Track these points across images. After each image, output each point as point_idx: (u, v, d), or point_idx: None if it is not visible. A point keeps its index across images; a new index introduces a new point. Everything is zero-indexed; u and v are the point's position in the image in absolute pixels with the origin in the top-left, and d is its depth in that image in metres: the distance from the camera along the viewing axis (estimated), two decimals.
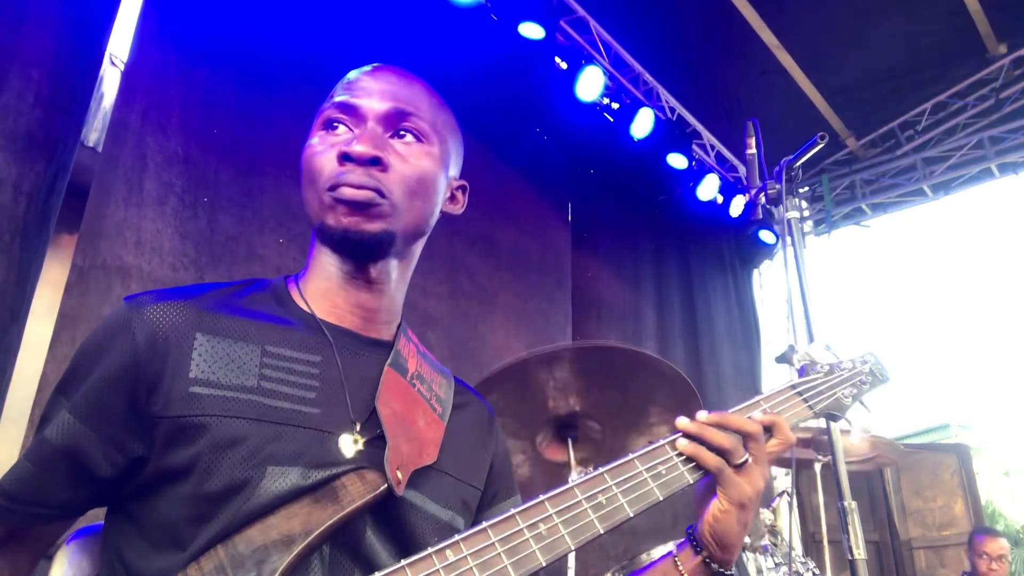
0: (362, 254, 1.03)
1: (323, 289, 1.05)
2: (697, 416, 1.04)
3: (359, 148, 0.99)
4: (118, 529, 0.92)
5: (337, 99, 1.05)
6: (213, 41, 3.13)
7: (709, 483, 1.02)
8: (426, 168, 1.05)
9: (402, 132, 1.05)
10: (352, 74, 1.09)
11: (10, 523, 0.93)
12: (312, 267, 1.08)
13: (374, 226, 0.99)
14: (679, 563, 1.03)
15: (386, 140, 1.03)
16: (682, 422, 1.03)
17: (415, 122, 1.05)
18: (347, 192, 0.98)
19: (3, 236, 2.32)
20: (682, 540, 1.06)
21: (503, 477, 1.17)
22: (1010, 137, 5.52)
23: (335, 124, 1.04)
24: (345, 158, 0.99)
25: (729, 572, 1.02)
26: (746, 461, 1.00)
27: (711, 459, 1.00)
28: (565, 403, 2.33)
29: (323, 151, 1.02)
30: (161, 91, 2.95)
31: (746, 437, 1.02)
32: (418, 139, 1.05)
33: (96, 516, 0.99)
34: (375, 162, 0.99)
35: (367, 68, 1.10)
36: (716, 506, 1.00)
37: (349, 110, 1.04)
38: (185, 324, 0.93)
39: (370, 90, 1.05)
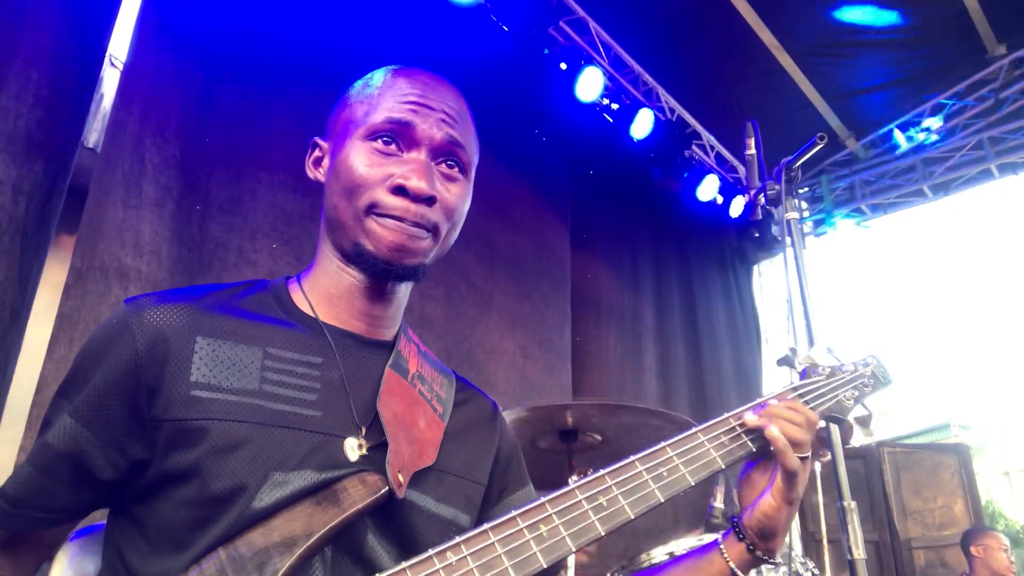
0: (391, 279, 1.03)
1: (332, 294, 1.04)
2: (771, 403, 1.09)
3: (420, 185, 0.97)
4: (120, 531, 0.92)
5: (393, 114, 1.00)
6: (212, 43, 3.12)
7: (750, 474, 1.08)
8: (466, 202, 1.07)
9: (450, 163, 1.04)
10: (404, 83, 1.04)
11: (14, 527, 0.93)
12: (321, 270, 1.06)
13: (414, 260, 1.00)
14: (724, 551, 1.08)
15: (435, 170, 1.01)
16: (751, 417, 1.07)
17: (462, 155, 1.05)
18: (402, 229, 0.97)
19: (3, 237, 2.32)
20: (727, 530, 1.10)
21: (511, 470, 1.17)
22: (1010, 138, 5.51)
23: (387, 140, 1.00)
24: (401, 191, 0.97)
25: (774, 561, 1.06)
26: (808, 456, 1.05)
27: (791, 458, 1.03)
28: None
29: (370, 167, 0.98)
30: (160, 93, 2.94)
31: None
32: (462, 172, 1.05)
33: (97, 515, 0.98)
34: (430, 201, 0.99)
35: (420, 77, 1.05)
36: (769, 504, 1.04)
37: (405, 128, 1.00)
38: (186, 327, 0.93)
39: (428, 110, 1.01)
